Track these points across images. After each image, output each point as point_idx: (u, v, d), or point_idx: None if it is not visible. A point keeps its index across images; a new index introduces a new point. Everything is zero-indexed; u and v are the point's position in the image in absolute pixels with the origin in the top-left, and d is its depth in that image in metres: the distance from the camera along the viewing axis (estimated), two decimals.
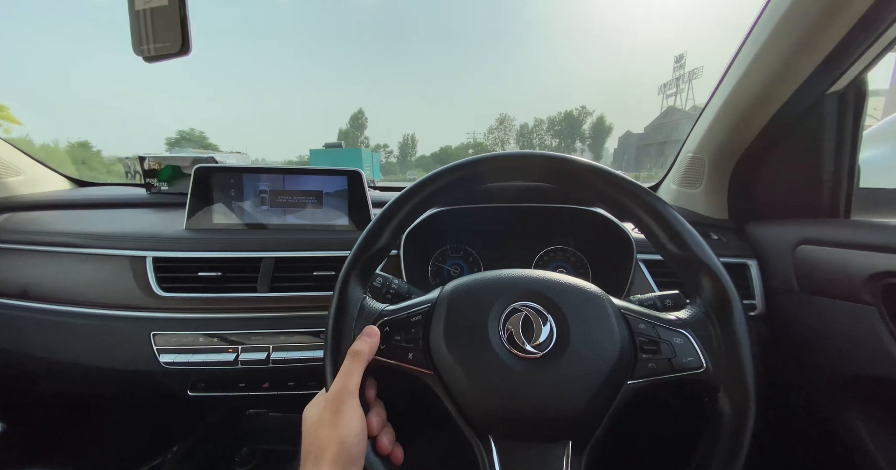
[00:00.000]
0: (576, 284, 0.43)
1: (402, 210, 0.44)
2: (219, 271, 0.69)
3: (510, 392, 0.37)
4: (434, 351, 0.40)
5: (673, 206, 0.42)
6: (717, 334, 0.39)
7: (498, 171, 0.44)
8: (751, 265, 0.71)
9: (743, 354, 0.37)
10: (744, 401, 0.36)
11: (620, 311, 0.41)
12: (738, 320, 0.38)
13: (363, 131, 46.59)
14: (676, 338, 0.40)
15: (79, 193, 1.01)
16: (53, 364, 0.69)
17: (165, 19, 0.41)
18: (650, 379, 0.39)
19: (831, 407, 0.61)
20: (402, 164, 44.94)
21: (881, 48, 0.55)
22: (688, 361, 0.39)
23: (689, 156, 0.83)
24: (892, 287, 0.52)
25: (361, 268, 0.43)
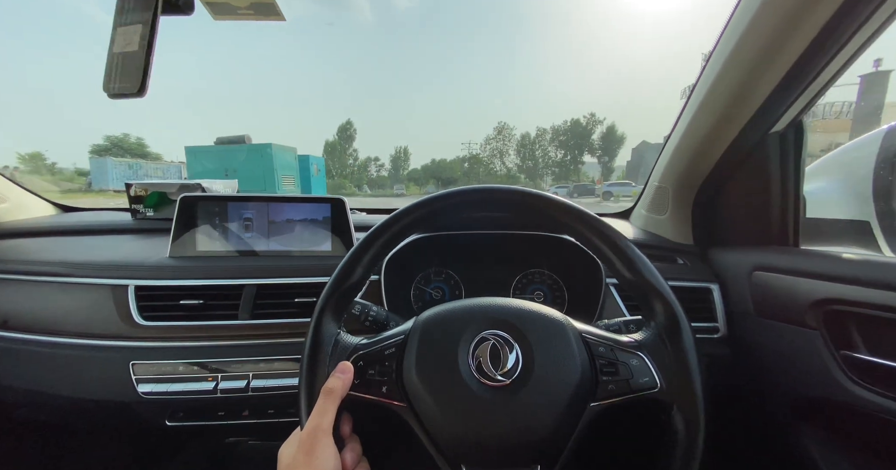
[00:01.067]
0: (539, 312, 0.45)
1: (373, 246, 0.47)
2: (200, 299, 0.71)
3: (480, 420, 0.39)
4: (407, 383, 0.41)
5: (642, 231, 0.46)
6: (670, 354, 0.42)
7: (457, 206, 0.48)
8: (713, 289, 0.75)
9: (692, 373, 0.40)
10: (694, 416, 0.39)
11: (581, 335, 0.44)
12: (686, 341, 0.41)
13: (352, 143, 43.85)
14: (633, 359, 0.42)
15: (64, 219, 1.02)
16: (29, 394, 0.69)
17: (133, 63, 0.45)
18: (611, 401, 0.41)
19: (786, 426, 0.64)
20: (394, 178, 43.04)
21: (813, 94, 0.61)
22: (644, 381, 0.41)
23: (655, 185, 0.89)
24: (834, 313, 0.56)
25: (335, 304, 0.45)
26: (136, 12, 0.42)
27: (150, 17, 0.42)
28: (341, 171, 40.92)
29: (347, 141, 42.59)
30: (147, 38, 0.45)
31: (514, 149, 48.53)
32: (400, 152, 44.05)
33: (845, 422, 0.56)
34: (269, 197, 0.84)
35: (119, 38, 0.43)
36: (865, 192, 0.68)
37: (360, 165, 43.10)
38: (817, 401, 0.58)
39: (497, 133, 49.10)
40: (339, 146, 42.16)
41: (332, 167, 41.44)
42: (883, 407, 0.50)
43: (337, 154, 41.87)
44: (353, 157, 43.37)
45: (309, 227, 0.84)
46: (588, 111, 63.00)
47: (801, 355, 0.59)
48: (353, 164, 43.18)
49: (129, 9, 0.42)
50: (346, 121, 43.73)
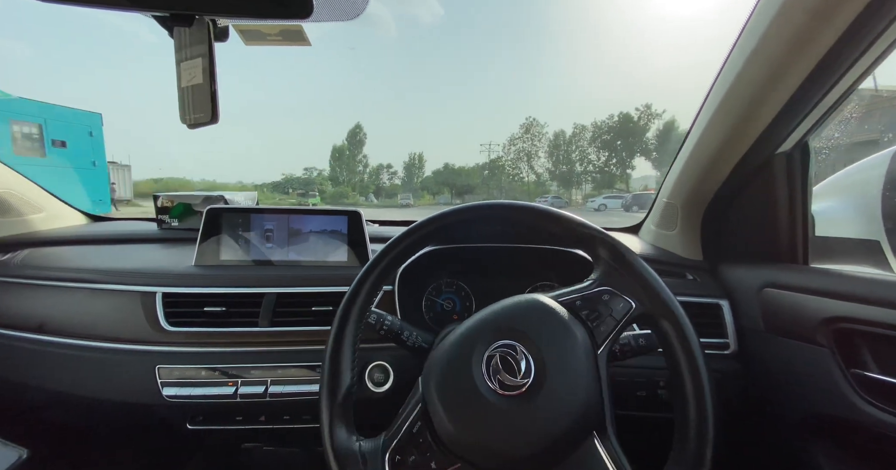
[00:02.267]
0: (514, 303, 0.49)
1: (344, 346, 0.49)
2: (223, 306, 0.74)
3: (528, 436, 0.41)
4: (451, 444, 0.43)
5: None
6: (625, 276, 0.48)
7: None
8: (723, 305, 0.76)
9: (654, 284, 0.46)
10: (674, 316, 0.45)
11: (559, 300, 0.49)
12: (634, 260, 0.48)
13: (362, 148, 39.28)
14: (604, 295, 0.48)
15: (94, 229, 1.07)
16: (62, 395, 0.72)
17: (201, 94, 0.49)
18: (610, 338, 0.46)
19: (797, 444, 0.64)
20: (407, 186, 38.38)
21: (819, 115, 0.63)
22: (620, 307, 0.47)
23: (664, 201, 0.90)
24: (844, 331, 0.57)
25: (341, 412, 0.46)
26: (194, 47, 0.47)
27: (207, 49, 0.46)
28: (350, 179, 37.17)
29: (357, 146, 38.26)
30: (209, 68, 0.49)
31: (544, 150, 37.64)
32: (414, 159, 39.20)
33: (857, 440, 0.56)
34: (289, 209, 0.88)
35: (184, 73, 0.47)
36: (875, 211, 0.69)
37: (372, 173, 39.21)
38: (828, 418, 0.58)
39: (524, 131, 37.71)
40: (347, 151, 37.91)
41: (339, 174, 37.42)
42: (895, 426, 0.50)
43: (345, 160, 37.57)
44: (363, 163, 38.69)
45: (326, 238, 0.88)
46: (643, 103, 48.22)
47: (811, 373, 0.59)
48: (363, 171, 38.99)
49: (186, 45, 0.47)
50: (355, 124, 40.16)
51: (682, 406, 0.43)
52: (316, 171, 37.41)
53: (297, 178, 31.92)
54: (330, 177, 36.72)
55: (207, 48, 0.46)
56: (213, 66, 0.52)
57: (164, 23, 0.51)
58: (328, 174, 37.19)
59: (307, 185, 32.00)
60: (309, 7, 0.48)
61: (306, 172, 37.19)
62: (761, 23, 0.56)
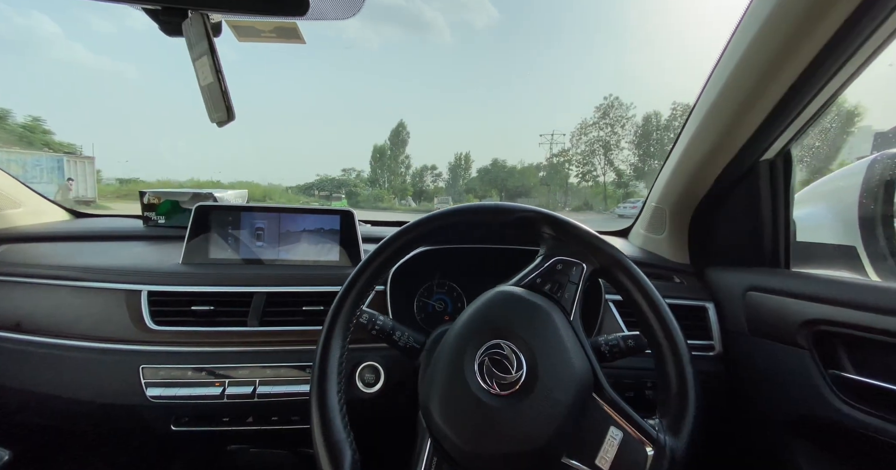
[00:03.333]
0: (492, 300, 0.50)
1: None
2: (211, 306, 0.73)
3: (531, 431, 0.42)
4: (470, 464, 0.43)
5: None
6: (570, 243, 0.52)
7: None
8: (709, 308, 0.78)
9: (595, 242, 0.50)
10: (620, 264, 0.49)
11: (521, 286, 0.51)
12: (571, 226, 0.52)
13: (404, 148, 35.10)
14: (557, 266, 0.52)
15: (76, 225, 1.05)
16: (41, 397, 0.70)
17: (214, 93, 0.49)
18: (577, 303, 0.49)
19: (778, 443, 0.66)
20: (453, 188, 34.00)
21: (801, 125, 0.66)
22: (575, 271, 0.51)
23: (653, 205, 0.92)
24: (822, 333, 0.59)
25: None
26: (197, 45, 0.46)
27: (207, 46, 0.45)
28: (390, 181, 33.92)
29: (399, 146, 34.53)
30: (214, 65, 0.48)
31: (629, 140, 26.89)
32: (460, 159, 34.79)
33: (835, 440, 0.58)
34: (280, 208, 0.87)
35: (199, 72, 0.47)
36: (852, 218, 0.72)
37: (415, 174, 35.47)
38: (808, 419, 0.60)
39: (600, 116, 27.69)
40: (389, 151, 34.29)
41: (379, 176, 34.15)
42: (871, 425, 0.52)
43: (386, 161, 34.00)
44: (405, 164, 34.93)
45: (318, 237, 0.87)
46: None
47: (792, 374, 0.61)
48: (405, 172, 35.23)
49: (192, 43, 0.46)
50: (398, 123, 35.03)
51: (653, 341, 0.47)
52: (354, 173, 34.48)
53: (331, 180, 29.49)
54: (370, 179, 33.99)
55: (208, 45, 0.45)
56: (217, 62, 0.52)
57: (157, 17, 0.51)
58: (368, 176, 34.37)
59: (340, 186, 29.86)
60: (305, 4, 0.48)
61: (344, 174, 34.21)
62: (747, 33, 0.58)
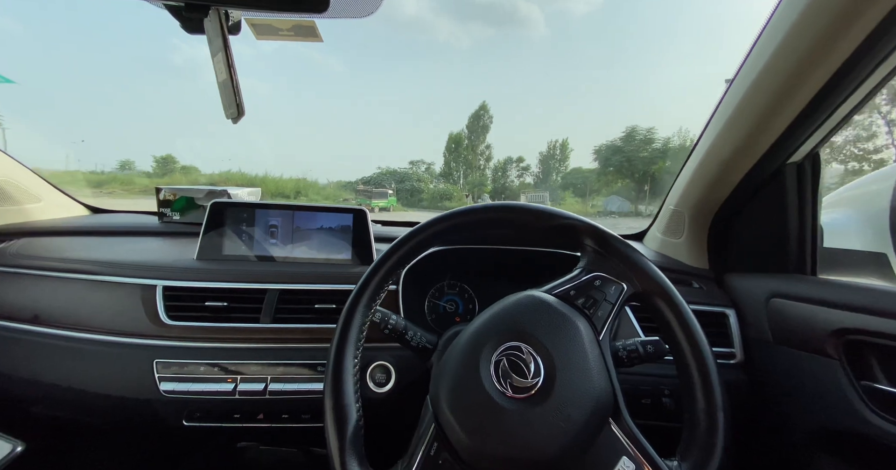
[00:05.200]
0: (514, 303, 0.49)
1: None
2: (225, 302, 0.73)
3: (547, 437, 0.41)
4: (473, 460, 0.42)
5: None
6: (613, 259, 0.49)
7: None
8: (729, 315, 0.76)
9: (641, 264, 0.48)
10: (664, 292, 0.47)
11: (553, 294, 0.49)
12: (618, 243, 0.49)
13: (485, 136, 28.01)
14: (595, 281, 0.49)
15: (94, 220, 1.06)
16: (55, 389, 0.70)
17: (227, 90, 0.50)
18: (609, 322, 0.47)
19: (804, 456, 0.63)
20: (544, 183, 27.49)
21: (831, 127, 0.63)
22: (613, 290, 0.48)
23: (671, 209, 0.90)
24: (854, 343, 0.56)
25: (353, 445, 0.44)
26: (214, 41, 0.47)
27: (222, 43, 0.45)
28: (466, 175, 28.21)
29: (479, 133, 28.22)
30: (227, 62, 0.49)
31: None
32: (554, 148, 27.80)
33: (865, 454, 0.55)
34: (294, 206, 0.87)
35: (216, 68, 0.48)
36: (883, 224, 0.69)
37: (497, 168, 29.09)
38: (837, 432, 0.57)
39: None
40: (466, 141, 28.03)
41: (453, 169, 28.23)
42: None
43: (462, 151, 28.00)
44: (485, 156, 28.28)
45: (331, 235, 0.87)
46: None
47: (820, 385, 0.59)
48: (485, 165, 28.87)
49: (210, 39, 0.46)
50: (479, 105, 28.66)
51: (686, 378, 0.45)
52: (424, 166, 28.36)
53: (392, 173, 24.49)
54: (442, 172, 28.23)
55: (223, 42, 0.46)
56: (230, 59, 0.52)
57: (179, 14, 0.51)
58: (441, 169, 28.38)
59: (403, 180, 23.90)
60: (325, 3, 0.48)
61: (411, 166, 27.95)
62: (777, 33, 0.56)
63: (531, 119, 63.58)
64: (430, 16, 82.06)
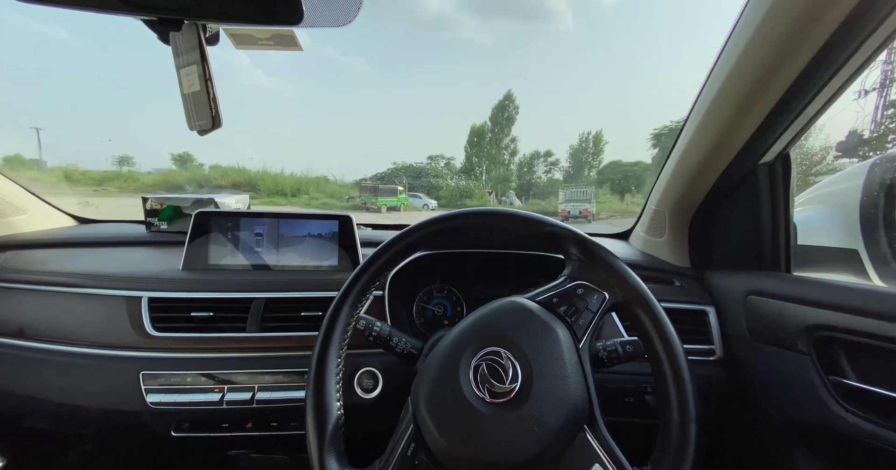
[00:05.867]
0: (497, 308, 0.50)
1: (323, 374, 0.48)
2: (211, 312, 0.73)
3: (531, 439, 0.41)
4: (449, 463, 0.43)
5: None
6: (595, 267, 0.50)
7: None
8: (709, 312, 0.77)
9: (622, 273, 0.48)
10: (645, 301, 0.47)
11: (536, 300, 0.50)
12: (601, 252, 0.50)
13: (510, 128, 25.65)
14: (577, 290, 0.50)
15: (80, 231, 1.06)
16: (42, 403, 0.70)
17: (201, 101, 0.49)
18: (589, 331, 0.48)
19: (778, 450, 0.65)
20: (575, 178, 24.83)
21: (799, 128, 0.65)
22: (595, 299, 0.49)
23: (653, 208, 0.92)
24: (824, 339, 0.58)
25: (331, 440, 0.45)
26: (188, 53, 0.47)
27: (199, 55, 0.46)
28: (489, 171, 25.99)
29: (504, 125, 25.95)
30: (204, 74, 0.49)
31: None
32: (586, 141, 25.47)
33: (835, 447, 0.57)
34: (280, 213, 0.88)
35: (183, 79, 0.47)
36: (854, 221, 0.71)
37: (523, 163, 26.56)
38: (809, 425, 0.59)
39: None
40: (489, 134, 25.86)
41: (475, 164, 26.11)
42: (872, 433, 0.51)
43: (484, 145, 25.90)
44: (510, 150, 25.87)
45: (317, 242, 0.87)
46: None
47: (793, 380, 0.60)
48: (509, 159, 26.44)
49: (181, 52, 0.47)
50: (505, 94, 25.94)
51: (662, 388, 0.45)
52: (444, 160, 26.06)
53: (407, 168, 22.56)
54: (463, 168, 25.90)
55: (200, 54, 0.46)
56: (208, 71, 0.52)
57: (154, 27, 0.51)
58: (462, 164, 25.98)
59: (419, 176, 21.73)
60: (299, 14, 0.48)
61: (430, 162, 25.86)
62: (742, 37, 0.58)
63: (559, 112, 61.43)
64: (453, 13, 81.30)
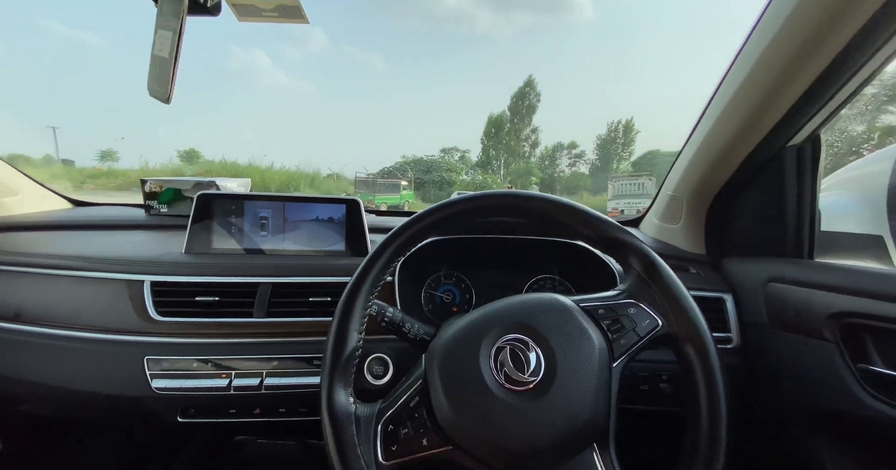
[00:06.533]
0: (537, 300, 0.47)
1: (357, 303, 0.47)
2: (216, 296, 0.71)
3: (523, 429, 0.39)
4: (445, 425, 0.41)
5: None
6: (657, 293, 0.45)
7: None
8: (726, 299, 0.76)
9: (684, 302, 0.44)
10: (701, 342, 0.42)
11: (579, 305, 0.46)
12: (666, 276, 0.45)
13: (531, 118, 23.95)
14: (630, 309, 0.46)
15: (77, 214, 1.02)
16: (41, 388, 0.69)
17: (164, 70, 0.47)
18: (628, 353, 0.44)
19: (801, 439, 0.64)
20: (603, 172, 23.46)
21: (832, 109, 0.62)
22: (646, 324, 0.45)
23: (669, 194, 0.89)
24: (851, 326, 0.56)
25: (342, 370, 0.44)
26: (168, 17, 0.44)
27: (178, 25, 0.44)
28: (508, 164, 24.33)
29: (525, 114, 23.93)
30: (175, 46, 0.47)
31: None
32: (615, 130, 23.38)
33: (861, 436, 0.56)
34: (285, 196, 0.85)
35: (158, 40, 0.45)
36: (880, 206, 0.69)
37: (545, 156, 24.64)
38: (834, 414, 0.58)
39: None
40: (508, 124, 23.83)
41: (493, 157, 24.20)
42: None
43: (503, 136, 23.86)
44: (531, 141, 23.86)
45: (324, 227, 0.85)
46: None
47: (817, 368, 0.59)
48: (530, 152, 24.46)
49: (163, 12, 0.44)
50: (525, 81, 23.34)
51: (694, 439, 0.41)
52: (458, 153, 24.59)
53: (417, 162, 21.17)
54: (480, 161, 24.26)
55: (179, 24, 0.43)
56: (179, 43, 0.49)
57: None
58: (478, 157, 24.22)
59: (429, 170, 20.52)
60: None
61: (442, 155, 24.27)
62: (780, 14, 0.54)
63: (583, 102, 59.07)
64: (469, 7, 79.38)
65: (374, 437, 0.42)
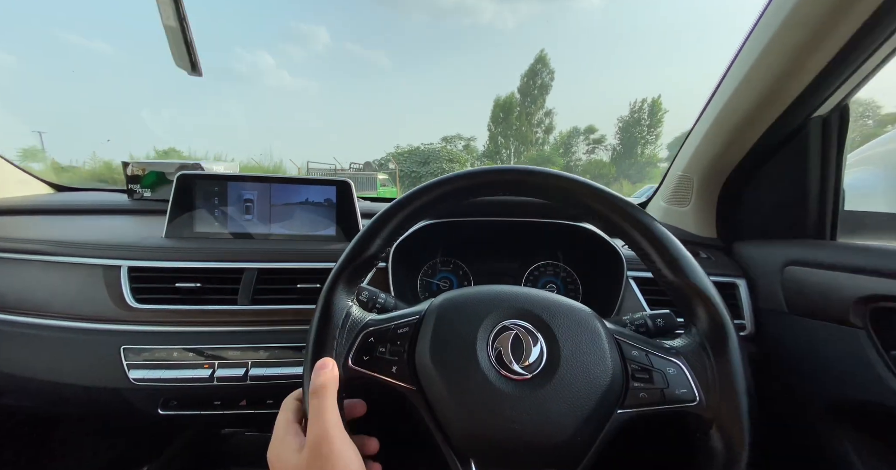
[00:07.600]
0: (569, 305, 0.42)
1: (396, 218, 0.43)
2: (198, 282, 0.67)
3: (496, 414, 0.36)
4: (419, 366, 0.39)
5: (664, 224, 0.42)
6: (712, 367, 0.38)
7: (492, 185, 0.44)
8: (739, 285, 0.71)
9: (738, 390, 0.36)
10: (738, 440, 0.35)
11: (613, 335, 0.40)
12: (732, 352, 0.37)
13: (544, 98, 20.98)
14: (670, 367, 0.39)
15: (57, 199, 0.98)
16: (16, 379, 0.65)
17: (176, 40, 0.44)
18: (641, 409, 0.38)
19: (820, 429, 0.60)
20: (625, 160, 20.67)
21: (863, 75, 0.57)
22: (681, 392, 0.37)
23: (678, 174, 0.84)
24: (881, 310, 0.52)
25: (349, 276, 0.43)
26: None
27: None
28: (518, 151, 21.18)
29: (537, 96, 20.63)
30: (177, 11, 0.43)
31: None
32: (639, 110, 20.14)
33: (891, 426, 0.52)
34: (271, 178, 0.80)
35: (162, 8, 0.42)
36: None
37: (561, 141, 21.67)
38: (859, 403, 0.54)
39: None
40: (518, 107, 20.74)
41: (501, 145, 21.28)
42: None
43: (512, 121, 20.73)
44: (544, 125, 20.89)
45: (312, 210, 0.80)
46: None
47: (841, 355, 0.55)
48: (543, 137, 21.39)
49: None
50: (536, 57, 20.19)
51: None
52: (462, 141, 21.95)
53: (411, 152, 18.93)
54: (487, 151, 21.49)
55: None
56: (180, 7, 0.44)
57: None
58: (485, 146, 21.40)
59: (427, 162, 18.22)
60: None
61: (444, 143, 21.62)
62: None
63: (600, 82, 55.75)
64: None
65: (353, 339, 0.41)
